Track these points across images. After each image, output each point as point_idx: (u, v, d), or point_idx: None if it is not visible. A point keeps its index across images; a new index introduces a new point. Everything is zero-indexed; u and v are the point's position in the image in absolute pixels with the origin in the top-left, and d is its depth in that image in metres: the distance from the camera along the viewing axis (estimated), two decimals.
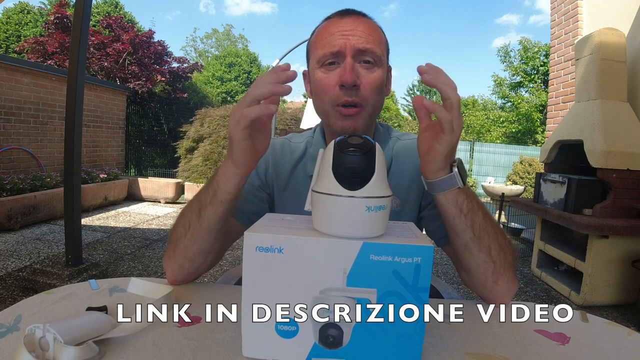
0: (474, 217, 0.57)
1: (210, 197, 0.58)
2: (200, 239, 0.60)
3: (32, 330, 0.41)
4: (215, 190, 0.57)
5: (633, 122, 2.63)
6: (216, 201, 0.58)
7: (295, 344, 0.44)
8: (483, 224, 0.58)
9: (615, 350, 0.51)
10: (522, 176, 6.51)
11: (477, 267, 0.60)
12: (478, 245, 0.58)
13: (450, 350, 0.48)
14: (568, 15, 3.72)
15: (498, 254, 0.59)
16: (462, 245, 0.59)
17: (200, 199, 0.60)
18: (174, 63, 9.00)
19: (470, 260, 0.60)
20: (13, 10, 12.95)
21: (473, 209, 0.57)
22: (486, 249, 0.58)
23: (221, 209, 0.58)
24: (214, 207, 0.58)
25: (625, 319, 2.32)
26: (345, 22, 0.67)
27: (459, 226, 0.58)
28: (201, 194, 0.60)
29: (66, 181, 2.37)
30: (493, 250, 0.59)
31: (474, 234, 0.58)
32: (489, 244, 0.58)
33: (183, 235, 0.61)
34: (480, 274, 0.60)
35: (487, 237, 0.58)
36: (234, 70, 15.15)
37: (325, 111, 0.70)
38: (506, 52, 12.51)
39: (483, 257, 0.59)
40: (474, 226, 0.57)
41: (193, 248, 0.61)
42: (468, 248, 0.59)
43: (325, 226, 0.43)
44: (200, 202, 0.59)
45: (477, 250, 0.58)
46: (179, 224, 0.63)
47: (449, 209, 0.57)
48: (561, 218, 2.59)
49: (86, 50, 2.41)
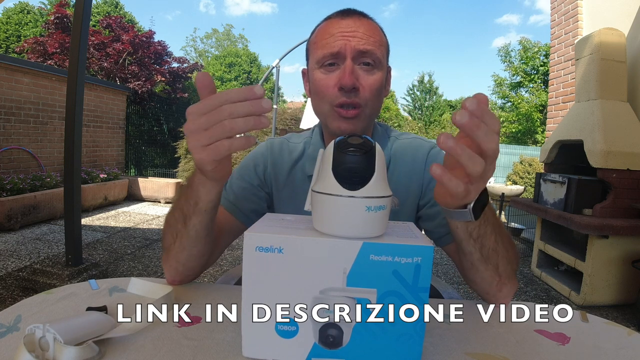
0: (483, 241, 0.55)
1: (192, 207, 0.55)
2: (190, 245, 0.59)
3: (32, 330, 0.41)
4: (197, 200, 0.54)
5: (633, 122, 2.63)
6: (199, 211, 0.55)
7: (295, 344, 0.44)
8: (493, 246, 0.56)
9: (615, 350, 0.51)
10: (522, 176, 6.51)
11: (482, 280, 0.59)
12: (485, 265, 0.57)
13: (450, 350, 0.48)
14: (568, 15, 3.72)
15: (505, 269, 0.58)
16: (469, 263, 0.58)
17: (182, 208, 0.57)
18: (174, 63, 9.02)
19: (475, 275, 0.59)
20: (13, 10, 12.95)
21: (484, 234, 0.54)
22: (493, 267, 0.57)
23: (207, 217, 0.56)
24: (199, 217, 0.56)
25: (625, 319, 2.32)
26: (346, 23, 0.67)
27: (467, 248, 0.56)
28: (182, 203, 0.57)
29: (66, 181, 2.37)
30: (500, 266, 0.58)
31: (481, 255, 0.56)
32: (497, 262, 0.57)
33: (172, 242, 0.60)
34: (484, 285, 0.60)
35: (496, 256, 0.57)
36: (234, 70, 15.15)
37: (323, 112, 0.70)
38: (507, 52, 12.52)
39: (489, 273, 0.58)
40: (482, 249, 0.56)
41: (184, 254, 0.60)
42: (474, 266, 0.58)
43: (325, 226, 0.43)
44: (183, 212, 0.57)
45: (484, 268, 0.58)
46: (167, 232, 0.62)
47: (458, 233, 0.55)
48: (561, 218, 2.59)
49: (86, 50, 2.41)
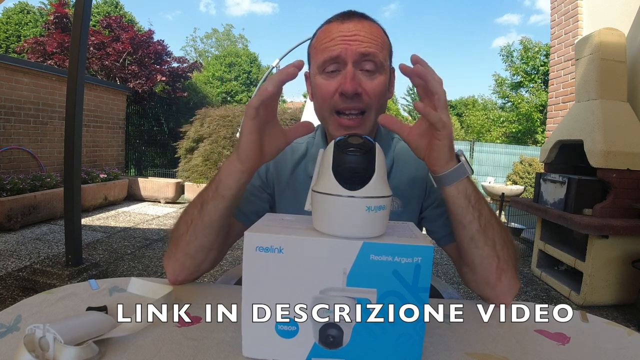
0: (481, 208, 0.58)
1: (212, 192, 0.59)
2: (202, 234, 0.61)
3: (32, 330, 0.41)
4: (218, 185, 0.58)
5: (633, 122, 2.63)
6: (217, 196, 0.58)
7: (295, 344, 0.44)
8: (489, 217, 0.59)
9: (615, 350, 0.51)
10: (522, 176, 6.51)
11: (482, 261, 0.60)
12: (484, 238, 0.59)
13: (450, 350, 0.48)
14: (568, 15, 3.72)
15: (502, 249, 0.60)
16: (468, 237, 0.59)
17: (203, 195, 0.61)
18: (174, 63, 9.00)
19: (475, 253, 0.60)
20: (13, 10, 12.94)
21: (480, 200, 0.59)
22: (491, 242, 0.59)
23: (222, 204, 0.58)
24: (216, 202, 0.59)
25: (625, 319, 2.32)
26: (347, 26, 0.66)
27: (467, 217, 0.58)
28: (204, 191, 0.61)
29: (66, 181, 2.36)
30: (498, 244, 0.59)
31: (480, 226, 0.58)
32: (494, 237, 0.59)
33: (185, 231, 0.62)
34: (484, 269, 0.60)
35: (492, 230, 0.59)
36: (234, 70, 15.15)
37: (324, 117, 0.71)
38: (509, 52, 12.50)
39: (488, 250, 0.59)
40: (480, 218, 0.58)
41: (195, 244, 0.61)
42: (474, 240, 0.59)
43: (325, 226, 0.43)
44: (202, 198, 0.60)
45: (483, 242, 0.59)
46: (181, 221, 0.64)
47: (458, 200, 0.58)
48: (561, 218, 2.59)
49: (86, 50, 2.41)
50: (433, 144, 0.55)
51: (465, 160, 0.57)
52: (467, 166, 0.57)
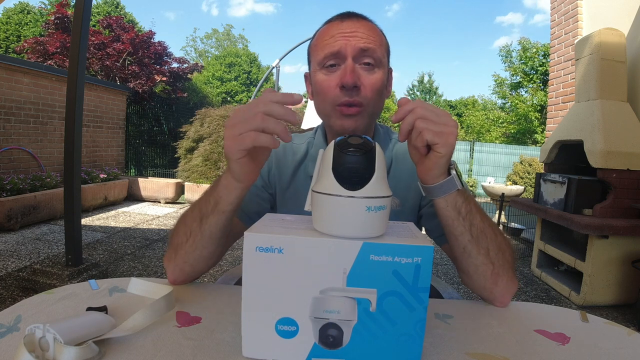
0: (472, 219, 0.57)
1: (211, 207, 0.58)
2: (202, 246, 0.61)
3: (32, 330, 0.41)
4: (217, 200, 0.57)
5: (633, 122, 2.63)
6: (218, 211, 0.57)
7: (295, 344, 0.44)
8: (481, 226, 0.58)
9: (615, 350, 0.51)
10: (522, 176, 6.50)
11: (476, 270, 0.60)
12: (476, 248, 0.58)
13: (450, 350, 0.48)
14: (568, 15, 3.72)
15: (496, 255, 0.59)
16: (461, 248, 0.59)
17: (202, 207, 0.59)
18: (174, 63, 9.01)
19: (469, 263, 0.60)
20: (13, 10, 12.95)
21: (471, 212, 0.57)
22: (484, 251, 0.58)
23: (223, 218, 0.58)
24: (216, 217, 0.58)
25: (625, 319, 2.32)
26: (346, 25, 0.68)
27: (458, 229, 0.57)
28: (202, 203, 0.60)
29: (66, 181, 2.36)
30: (491, 251, 0.59)
31: (472, 236, 0.57)
32: (487, 245, 0.58)
33: (184, 241, 0.61)
34: (479, 277, 0.60)
35: (485, 238, 0.58)
36: (233, 70, 15.15)
37: (326, 112, 0.71)
38: (508, 52, 12.50)
39: (482, 259, 0.58)
40: (472, 229, 0.57)
41: (194, 254, 0.61)
42: (466, 251, 0.59)
43: (325, 226, 0.43)
44: (201, 211, 0.59)
45: (476, 252, 0.58)
46: (180, 230, 0.63)
47: (448, 212, 0.57)
48: (561, 218, 2.59)
49: (86, 50, 2.41)
50: (432, 154, 0.54)
51: (455, 174, 0.55)
52: (456, 180, 0.55)
